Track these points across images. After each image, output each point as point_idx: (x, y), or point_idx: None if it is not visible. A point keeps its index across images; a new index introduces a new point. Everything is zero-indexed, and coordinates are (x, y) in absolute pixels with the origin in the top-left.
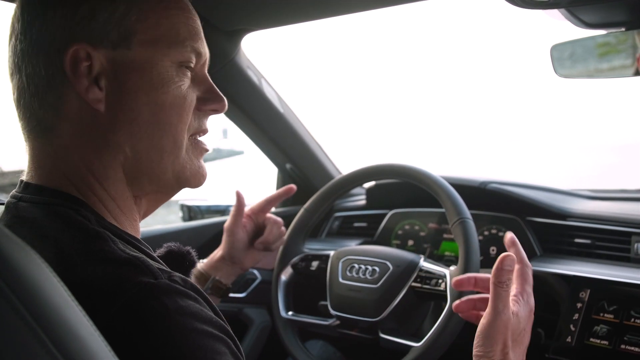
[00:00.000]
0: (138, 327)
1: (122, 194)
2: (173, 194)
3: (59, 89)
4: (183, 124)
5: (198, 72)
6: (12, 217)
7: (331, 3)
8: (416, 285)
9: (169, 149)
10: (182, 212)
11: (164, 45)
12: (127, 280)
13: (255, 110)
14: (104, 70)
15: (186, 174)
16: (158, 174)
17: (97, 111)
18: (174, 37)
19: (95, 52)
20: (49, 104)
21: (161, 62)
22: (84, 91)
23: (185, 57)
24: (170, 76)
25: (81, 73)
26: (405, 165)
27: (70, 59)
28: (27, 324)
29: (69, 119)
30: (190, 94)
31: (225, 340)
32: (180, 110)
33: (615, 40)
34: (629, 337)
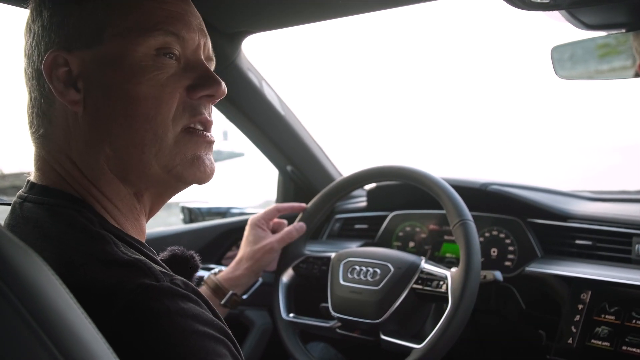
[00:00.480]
0: (139, 328)
1: (119, 193)
2: (175, 188)
3: (50, 98)
4: (162, 115)
5: (189, 57)
6: (17, 216)
7: (331, 5)
8: (417, 287)
9: (149, 142)
10: (182, 215)
11: (135, 34)
12: (128, 282)
13: (256, 112)
14: (82, 72)
15: (177, 168)
16: (142, 169)
17: (77, 113)
18: (145, 24)
19: (71, 56)
20: (43, 112)
21: (133, 52)
22: (60, 94)
23: (159, 43)
24: (144, 66)
25: (58, 77)
26: (406, 166)
27: (48, 66)
28: (28, 326)
29: (58, 125)
30: (172, 83)
31: (225, 342)
32: (158, 101)
33: (615, 42)
34: (630, 339)
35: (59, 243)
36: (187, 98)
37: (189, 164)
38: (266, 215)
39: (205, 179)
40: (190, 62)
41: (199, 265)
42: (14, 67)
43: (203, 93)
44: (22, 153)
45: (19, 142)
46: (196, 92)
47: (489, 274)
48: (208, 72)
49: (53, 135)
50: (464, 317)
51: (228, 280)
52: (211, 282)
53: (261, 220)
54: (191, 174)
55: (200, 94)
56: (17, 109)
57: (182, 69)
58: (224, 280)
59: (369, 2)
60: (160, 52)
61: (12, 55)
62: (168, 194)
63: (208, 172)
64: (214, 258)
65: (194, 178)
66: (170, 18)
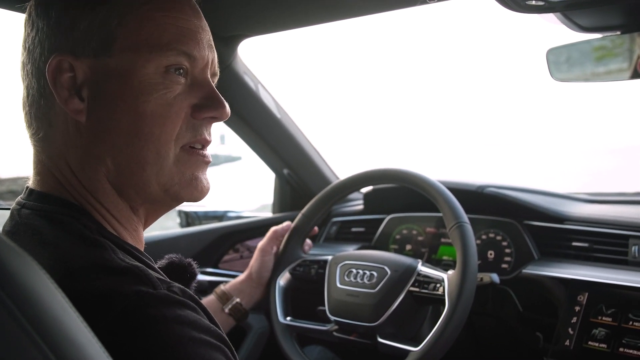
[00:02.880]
0: (135, 335)
1: (116, 205)
2: (170, 206)
3: (50, 100)
4: (167, 134)
5: (197, 76)
6: (15, 223)
7: (327, 9)
8: (414, 290)
9: (151, 160)
10: (179, 218)
11: (146, 51)
12: (125, 288)
13: (252, 116)
14: (87, 80)
15: (175, 188)
16: (142, 186)
17: (80, 122)
18: (157, 41)
19: (78, 62)
20: (42, 114)
21: (143, 68)
22: (64, 102)
23: (171, 62)
24: (153, 83)
25: (62, 84)
26: (402, 169)
27: (53, 70)
28: (24, 331)
29: (58, 129)
30: (179, 102)
31: (222, 349)
32: (164, 119)
33: (611, 44)
34: (627, 340)
35: (57, 249)
36: (191, 117)
37: (187, 183)
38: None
39: (200, 197)
40: (197, 81)
41: (196, 273)
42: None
43: (208, 115)
44: (19, 157)
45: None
46: (201, 112)
47: (486, 276)
48: (214, 92)
49: (52, 139)
50: (461, 320)
51: (232, 287)
52: (219, 290)
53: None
54: (188, 193)
55: (205, 115)
56: (14, 112)
57: (189, 86)
58: (229, 287)
59: (363, 6)
60: (169, 68)
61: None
62: (162, 210)
63: (204, 191)
64: (211, 262)
65: (190, 197)
66: (183, 36)
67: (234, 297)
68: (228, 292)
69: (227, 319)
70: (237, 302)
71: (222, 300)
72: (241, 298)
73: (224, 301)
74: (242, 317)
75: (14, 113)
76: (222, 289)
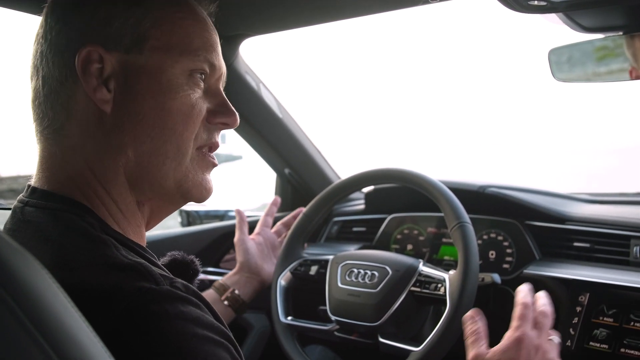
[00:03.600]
0: (139, 332)
1: (125, 198)
2: (176, 204)
3: (70, 90)
4: (189, 132)
5: (212, 85)
6: (17, 221)
7: (329, 8)
8: (415, 290)
9: (172, 155)
10: (180, 218)
11: (176, 53)
12: (128, 285)
13: (253, 115)
14: (115, 73)
15: (188, 184)
16: (159, 180)
17: (104, 112)
18: (187, 46)
19: (108, 55)
20: (60, 104)
21: (172, 68)
22: (92, 91)
23: (197, 66)
24: (179, 83)
25: (91, 73)
26: (403, 169)
27: (83, 59)
28: (25, 329)
29: (77, 119)
30: (199, 104)
31: (226, 345)
32: (187, 117)
33: (613, 45)
34: (629, 341)
35: (60, 247)
36: (206, 121)
37: (198, 183)
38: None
39: (205, 198)
40: (212, 89)
41: (199, 270)
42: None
43: (222, 120)
44: (19, 156)
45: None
46: (216, 117)
47: (487, 276)
48: (226, 101)
49: (69, 130)
50: (462, 320)
51: (228, 277)
52: (217, 283)
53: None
54: (197, 192)
55: (219, 120)
56: (13, 113)
57: (205, 92)
58: (226, 278)
59: (366, 6)
60: (194, 72)
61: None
62: (167, 209)
63: (210, 192)
64: (212, 261)
65: (198, 197)
66: (208, 46)
67: (231, 287)
68: (225, 283)
69: (226, 309)
70: (234, 291)
71: (219, 292)
72: (237, 288)
73: (222, 292)
74: (240, 307)
75: (15, 113)
76: (219, 281)
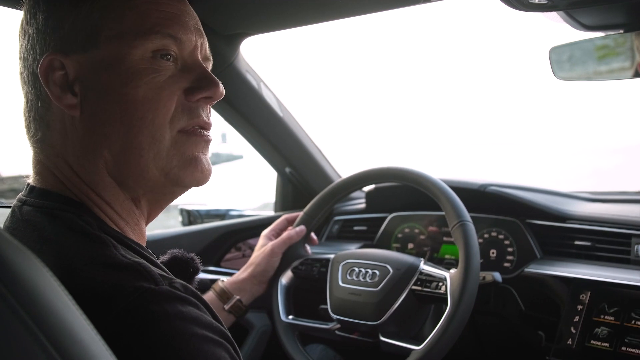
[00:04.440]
0: (138, 331)
1: (117, 197)
2: (172, 193)
3: (46, 102)
4: (160, 117)
5: (187, 59)
6: (17, 220)
7: (330, 7)
8: (416, 289)
9: (146, 145)
10: (181, 217)
11: (131, 37)
12: (127, 285)
13: (254, 114)
14: (78, 76)
15: (174, 171)
16: (140, 173)
17: (75, 117)
18: (141, 26)
19: (67, 60)
20: (40, 116)
21: (129, 55)
22: (57, 99)
23: (156, 45)
24: (141, 69)
25: (55, 81)
26: (404, 168)
27: (44, 70)
28: (27, 328)
29: (55, 129)
30: (169, 86)
31: (225, 345)
32: (155, 103)
33: (614, 43)
34: (630, 339)
35: (58, 246)
36: (185, 100)
37: (187, 164)
38: (276, 227)
39: (202, 180)
40: (187, 64)
41: (199, 268)
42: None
43: (201, 95)
44: (20, 156)
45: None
46: (194, 94)
47: (488, 275)
48: (206, 73)
49: (50, 139)
50: (463, 319)
51: (233, 285)
52: (218, 287)
53: (271, 231)
54: (188, 174)
55: (198, 96)
56: (15, 112)
57: (180, 70)
58: (229, 285)
59: (367, 4)
60: (157, 54)
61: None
62: (165, 199)
63: (205, 172)
64: (213, 260)
65: (192, 179)
66: (166, 20)
67: (235, 295)
68: (228, 290)
69: (228, 316)
70: (238, 300)
71: (222, 299)
72: (242, 296)
73: (225, 300)
74: (242, 313)
75: (14, 112)
76: (220, 286)
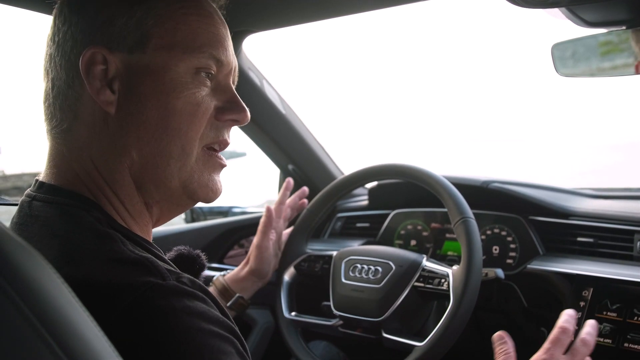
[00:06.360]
0: (145, 326)
1: (132, 199)
2: (184, 205)
3: (77, 92)
4: (194, 131)
5: (221, 81)
6: (25, 215)
7: (332, 4)
8: (419, 285)
9: (176, 155)
10: (184, 214)
11: (180, 51)
12: (135, 280)
13: (257, 111)
14: (119, 74)
15: (193, 185)
16: (163, 180)
17: (108, 114)
18: (191, 43)
19: (111, 56)
20: (68, 105)
21: (175, 67)
22: (96, 93)
23: (202, 64)
24: (183, 82)
25: (95, 75)
26: (407, 165)
27: (86, 61)
28: (30, 323)
29: (84, 121)
30: (205, 102)
31: (232, 340)
32: (192, 117)
33: (617, 39)
34: (632, 336)
35: (67, 241)
36: (215, 119)
37: (204, 183)
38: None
39: (213, 198)
40: (220, 85)
41: (205, 264)
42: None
43: (231, 117)
44: (23, 154)
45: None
46: (225, 114)
47: (491, 271)
48: (236, 98)
49: (76, 131)
50: (466, 315)
51: (234, 282)
52: (219, 283)
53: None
54: (204, 193)
55: (228, 117)
56: (18, 112)
57: (213, 89)
58: (230, 281)
59: (369, 1)
60: (199, 71)
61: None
62: (177, 210)
63: (218, 193)
64: (216, 257)
65: (205, 197)
66: (214, 42)
67: (237, 292)
68: (230, 287)
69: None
70: (239, 296)
71: (224, 296)
72: (243, 293)
73: (227, 297)
74: (244, 309)
75: (18, 111)
76: (222, 283)
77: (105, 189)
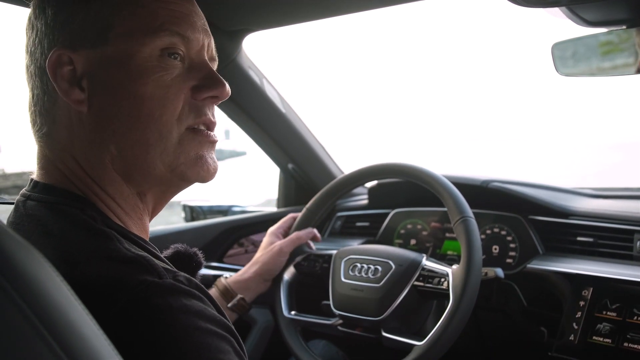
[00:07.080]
0: (141, 325)
1: (122, 192)
2: (178, 186)
3: (52, 96)
4: (168, 115)
5: (194, 58)
6: (20, 214)
7: (332, 3)
8: (419, 284)
9: (154, 142)
10: (184, 213)
11: (141, 35)
12: (131, 278)
13: (257, 110)
14: (86, 71)
15: (181, 167)
16: (147, 169)
17: (82, 113)
18: (150, 24)
19: (75, 55)
20: (46, 110)
21: (139, 52)
22: (65, 94)
23: (165, 43)
24: (149, 67)
25: (62, 76)
26: (407, 164)
27: (52, 65)
28: (30, 322)
29: (62, 123)
30: (177, 84)
31: (228, 339)
32: (163, 101)
33: (617, 39)
34: (632, 335)
35: (62, 240)
36: (192, 99)
37: (193, 163)
38: (283, 224)
39: (208, 177)
40: (194, 63)
41: (202, 262)
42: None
43: (207, 94)
44: (24, 153)
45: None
46: (201, 93)
47: (490, 271)
48: (212, 73)
49: (56, 134)
50: (466, 314)
51: (237, 283)
52: (221, 284)
53: (278, 229)
54: (194, 173)
55: (205, 95)
56: (18, 109)
57: (187, 69)
58: (233, 283)
59: (368, 0)
60: (165, 52)
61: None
62: (171, 192)
63: (211, 171)
64: (216, 256)
65: (197, 177)
66: (175, 18)
67: (238, 294)
68: (231, 288)
69: (230, 314)
70: (241, 298)
71: (225, 297)
72: (245, 295)
73: (228, 298)
74: (245, 311)
75: (18, 109)
76: (224, 284)
77: (94, 187)
